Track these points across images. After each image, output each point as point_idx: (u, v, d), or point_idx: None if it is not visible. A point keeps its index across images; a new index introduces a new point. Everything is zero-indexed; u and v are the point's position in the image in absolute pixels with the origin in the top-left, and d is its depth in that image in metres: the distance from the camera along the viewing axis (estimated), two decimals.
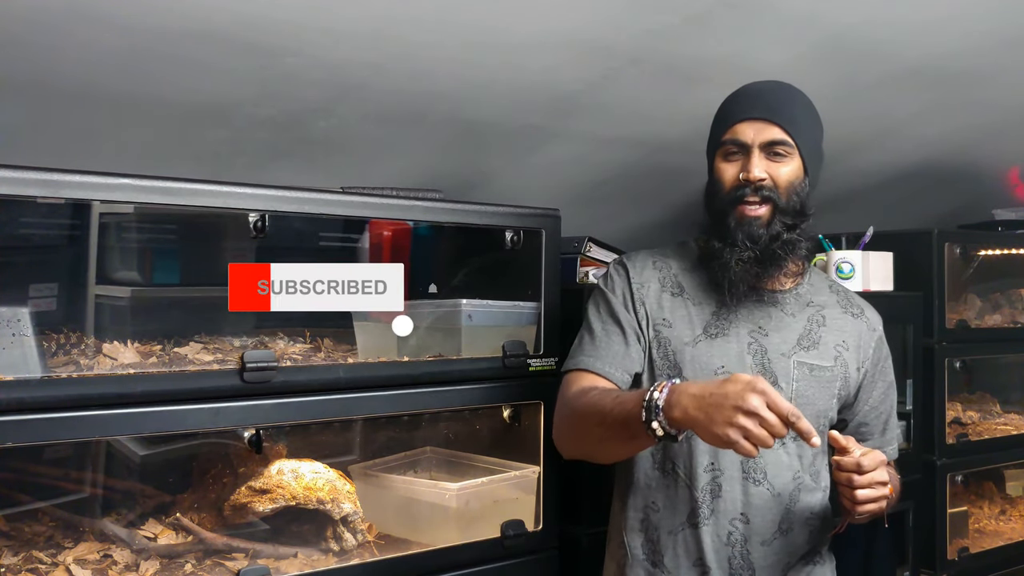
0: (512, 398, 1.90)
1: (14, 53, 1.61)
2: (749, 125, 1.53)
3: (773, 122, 1.52)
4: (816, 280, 1.67)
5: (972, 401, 3.04)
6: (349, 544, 1.74)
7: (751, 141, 1.52)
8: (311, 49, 1.78)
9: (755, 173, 1.51)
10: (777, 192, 1.52)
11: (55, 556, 1.55)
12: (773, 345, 1.56)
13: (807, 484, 1.56)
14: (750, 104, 1.55)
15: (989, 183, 3.29)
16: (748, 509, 1.52)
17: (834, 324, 1.61)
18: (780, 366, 1.55)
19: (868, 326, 1.65)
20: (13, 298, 1.51)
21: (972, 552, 2.72)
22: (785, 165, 1.53)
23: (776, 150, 1.52)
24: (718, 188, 1.56)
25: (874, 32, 2.15)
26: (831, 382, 1.57)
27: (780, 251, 1.52)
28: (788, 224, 1.53)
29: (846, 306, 1.65)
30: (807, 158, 1.55)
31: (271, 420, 1.63)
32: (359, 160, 2.20)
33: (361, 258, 1.96)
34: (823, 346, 1.58)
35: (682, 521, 1.54)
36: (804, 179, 1.55)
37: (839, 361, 1.59)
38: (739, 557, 1.52)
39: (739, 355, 1.55)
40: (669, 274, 1.62)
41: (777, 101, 1.55)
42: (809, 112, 1.59)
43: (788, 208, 1.53)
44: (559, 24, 1.89)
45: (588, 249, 2.29)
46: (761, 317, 1.58)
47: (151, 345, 1.63)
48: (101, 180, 1.45)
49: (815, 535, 1.58)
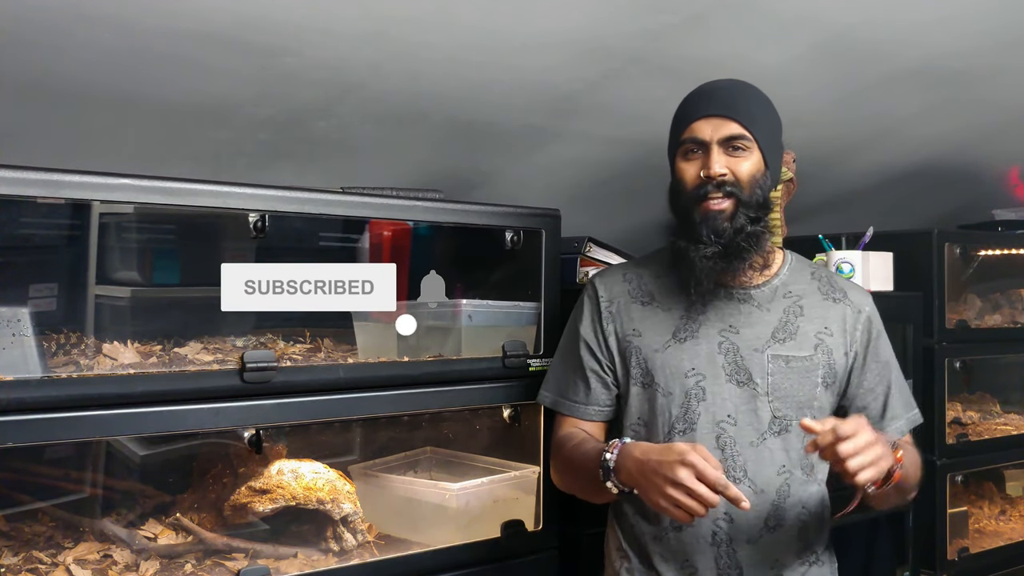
0: (512, 398, 1.90)
1: (14, 53, 1.61)
2: (706, 122, 1.54)
3: (730, 118, 1.53)
4: (796, 269, 1.65)
5: (972, 401, 3.04)
6: (349, 544, 1.74)
7: (709, 138, 1.53)
8: (311, 49, 1.78)
9: (715, 169, 1.52)
10: (739, 186, 1.53)
11: (55, 556, 1.55)
12: (745, 341, 1.56)
13: (797, 478, 1.54)
14: (706, 102, 1.57)
15: (989, 183, 3.29)
16: (731, 508, 1.50)
17: (813, 312, 1.60)
18: (753, 361, 1.55)
19: (852, 308, 1.62)
20: (13, 298, 1.51)
21: (972, 552, 2.72)
22: (745, 160, 1.54)
23: (735, 144, 1.53)
24: (681, 187, 1.57)
25: (874, 32, 2.15)
26: (811, 371, 1.56)
27: (745, 244, 1.53)
28: (752, 217, 1.53)
29: (827, 292, 1.63)
30: (766, 152, 1.56)
31: (271, 420, 1.63)
32: (359, 160, 2.20)
33: (361, 258, 1.96)
34: (801, 336, 1.57)
35: (665, 526, 1.55)
36: (765, 172, 1.56)
37: (820, 349, 1.57)
38: (725, 556, 1.52)
39: (709, 356, 1.55)
40: (640, 283, 1.65)
41: (732, 98, 1.56)
42: (766, 107, 1.60)
43: (751, 201, 1.53)
44: (559, 24, 1.89)
45: (588, 249, 2.28)
46: (732, 315, 1.58)
47: (151, 345, 1.63)
48: (101, 180, 1.45)
49: (809, 531, 1.57)
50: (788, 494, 1.54)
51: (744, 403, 1.53)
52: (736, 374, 1.54)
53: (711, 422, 1.53)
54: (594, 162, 2.51)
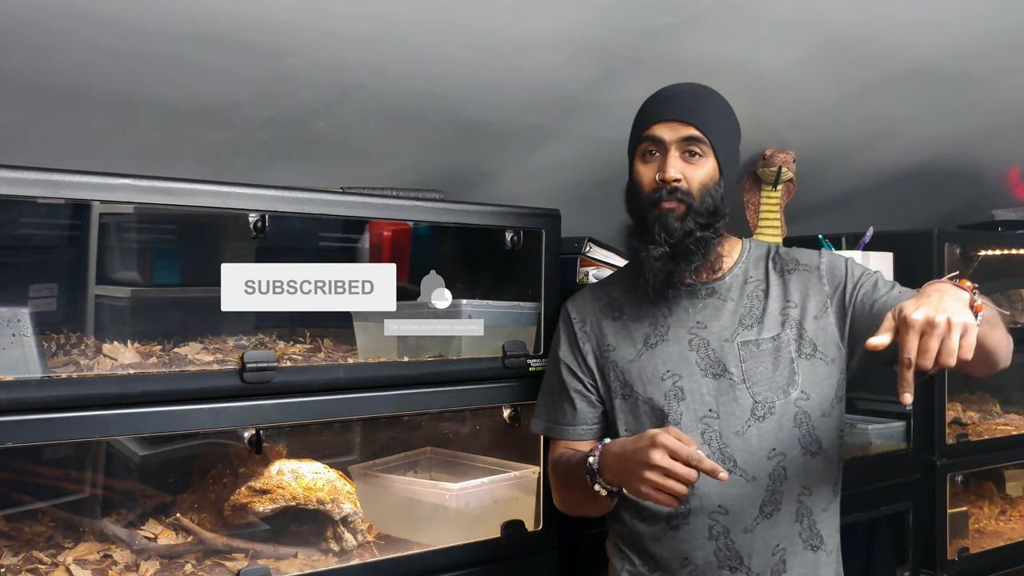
0: (512, 398, 1.90)
1: (14, 53, 1.61)
2: (665, 126, 1.57)
3: (688, 123, 1.56)
4: (754, 255, 1.66)
5: (972, 401, 3.04)
6: (349, 544, 1.74)
7: (668, 140, 1.56)
8: (311, 49, 1.78)
9: (670, 173, 1.55)
10: (691, 195, 1.55)
11: (55, 556, 1.55)
12: (714, 334, 1.58)
13: (793, 459, 1.53)
14: (666, 106, 1.59)
15: (989, 183, 3.29)
16: (725, 500, 1.52)
17: (774, 291, 1.61)
18: (725, 352, 1.56)
19: (807, 271, 1.62)
20: (13, 298, 1.51)
21: (972, 552, 2.72)
22: (700, 167, 1.56)
23: (691, 148, 1.56)
24: (637, 189, 1.60)
25: (874, 32, 2.15)
26: (782, 349, 1.56)
27: (693, 247, 1.55)
28: (701, 223, 1.56)
29: (780, 268, 1.63)
30: (722, 160, 1.58)
31: (271, 420, 1.63)
32: (359, 160, 2.20)
33: (361, 258, 1.96)
34: (767, 317, 1.59)
35: (662, 526, 1.55)
36: (719, 180, 1.58)
37: (787, 324, 1.57)
38: (724, 548, 1.52)
39: (681, 355, 1.58)
40: (609, 300, 1.69)
41: (693, 103, 1.59)
42: (725, 114, 1.62)
43: (701, 209, 1.56)
44: (559, 24, 1.89)
45: (588, 249, 2.28)
46: (698, 311, 1.61)
47: (151, 345, 1.63)
48: (101, 180, 1.45)
49: (812, 514, 1.56)
50: (784, 476, 1.54)
51: (723, 394, 1.54)
52: (711, 367, 1.56)
53: (694, 419, 1.54)
54: (594, 162, 2.51)
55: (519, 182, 2.47)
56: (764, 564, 1.52)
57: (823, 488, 1.58)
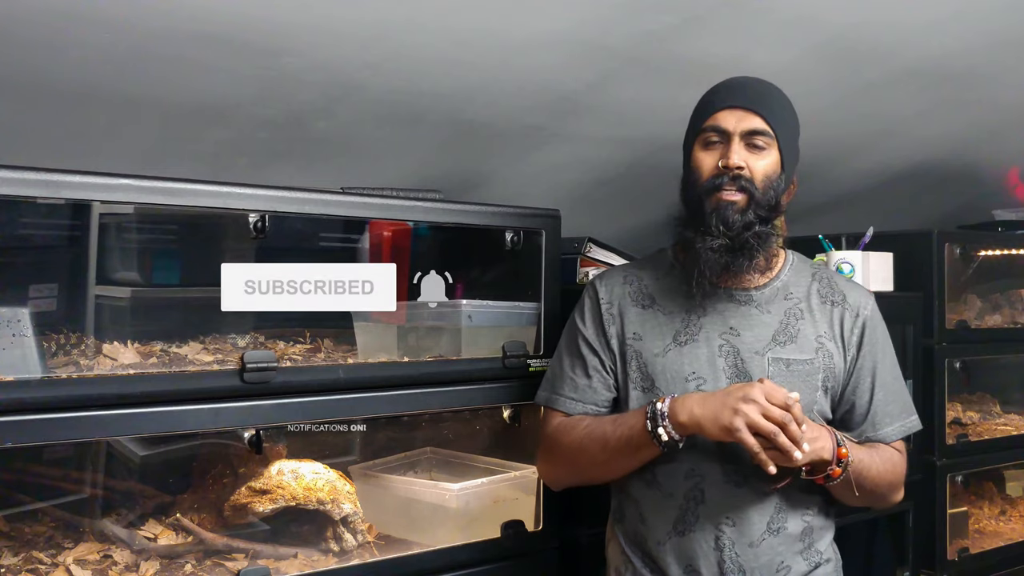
0: (512, 398, 1.90)
1: (14, 53, 1.61)
2: (731, 113, 1.53)
3: (755, 111, 1.53)
4: (797, 270, 1.64)
5: (972, 401, 3.04)
6: (349, 544, 1.74)
7: (732, 129, 1.52)
8: (311, 50, 1.78)
9: (734, 160, 1.51)
10: (754, 184, 1.52)
11: (55, 556, 1.55)
12: (746, 344, 1.55)
13: (801, 481, 1.53)
14: (732, 94, 1.56)
15: (989, 183, 3.29)
16: (733, 512, 1.51)
17: (814, 315, 1.59)
18: (754, 365, 1.54)
19: (851, 312, 1.61)
20: (13, 298, 1.51)
21: (972, 552, 2.72)
22: (763, 158, 1.53)
23: (756, 141, 1.53)
24: (695, 177, 1.55)
25: (874, 32, 2.15)
26: (812, 375, 1.55)
27: (752, 241, 1.51)
28: (762, 216, 1.52)
29: (827, 295, 1.61)
30: (785, 153, 1.55)
31: (271, 420, 1.63)
32: (359, 160, 2.20)
33: (361, 258, 1.96)
34: (802, 339, 1.56)
35: (668, 530, 1.54)
36: (780, 174, 1.55)
37: (821, 352, 1.56)
38: (729, 560, 1.51)
39: (710, 359, 1.54)
40: (640, 286, 1.63)
41: (759, 93, 1.56)
42: (789, 110, 1.60)
43: (763, 201, 1.52)
44: (559, 24, 1.89)
45: (588, 249, 2.28)
46: (732, 318, 1.57)
47: (151, 345, 1.63)
48: (101, 180, 1.45)
49: (812, 532, 1.56)
50: (790, 496, 1.53)
51: None
52: (736, 377, 1.53)
53: None
54: (594, 162, 2.51)
55: (519, 182, 2.47)
56: None
57: (825, 508, 1.59)
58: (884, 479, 1.57)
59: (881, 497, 1.60)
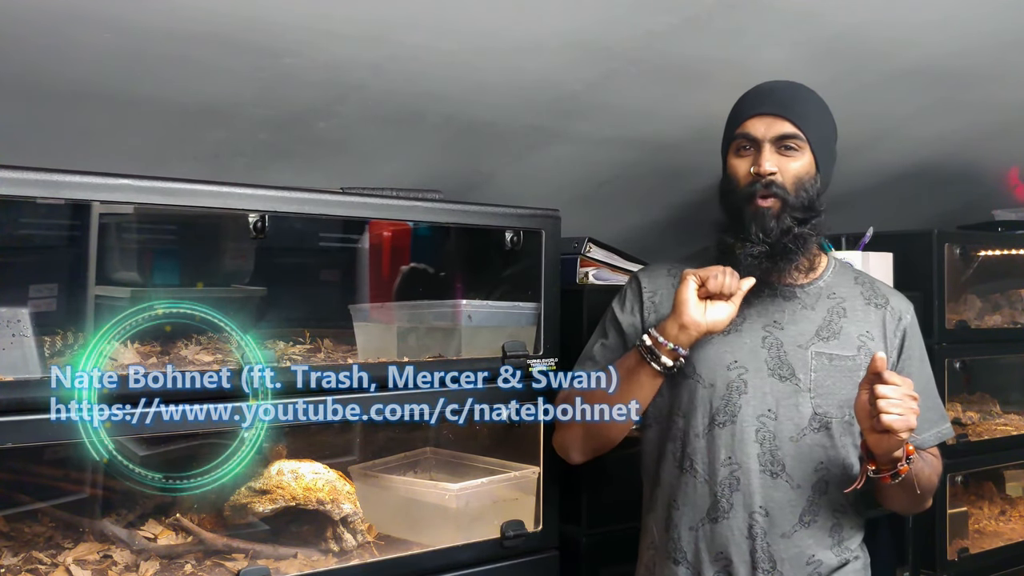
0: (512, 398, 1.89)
1: (14, 53, 1.61)
2: (760, 120, 1.56)
3: (784, 117, 1.55)
4: (840, 272, 1.67)
5: (972, 402, 3.04)
6: (349, 545, 1.73)
7: (761, 136, 1.55)
8: (311, 49, 1.78)
9: (765, 167, 1.53)
10: (785, 188, 1.54)
11: (55, 556, 1.55)
12: (789, 337, 1.58)
13: (835, 475, 1.55)
14: (761, 101, 1.58)
15: (989, 183, 3.29)
16: (768, 502, 1.53)
17: (856, 315, 1.61)
18: (797, 357, 1.56)
19: (893, 315, 1.64)
20: (13, 298, 1.51)
21: (972, 552, 2.73)
22: (795, 160, 1.55)
23: (787, 144, 1.55)
24: (732, 185, 1.58)
25: (874, 32, 2.15)
26: (853, 371, 1.56)
27: (792, 245, 1.54)
28: (798, 219, 1.54)
29: (870, 297, 1.65)
30: (818, 154, 1.57)
31: (271, 420, 1.63)
32: (359, 160, 2.20)
33: (361, 258, 1.96)
34: (844, 336, 1.59)
35: (702, 516, 1.56)
36: (815, 175, 1.57)
37: (863, 351, 1.58)
38: (760, 550, 1.53)
39: (752, 349, 1.57)
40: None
41: (788, 98, 1.58)
42: (821, 109, 1.61)
43: (797, 204, 1.54)
44: (559, 24, 1.89)
45: (588, 250, 2.28)
46: (776, 312, 1.59)
47: (151, 345, 1.63)
48: (101, 180, 1.45)
49: (843, 528, 1.58)
50: (825, 491, 1.55)
51: (786, 398, 1.54)
52: (779, 369, 1.55)
53: (752, 415, 1.54)
54: (594, 162, 2.51)
55: (519, 182, 2.47)
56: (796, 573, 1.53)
57: (856, 507, 1.60)
58: (932, 482, 1.61)
59: (922, 500, 1.62)
